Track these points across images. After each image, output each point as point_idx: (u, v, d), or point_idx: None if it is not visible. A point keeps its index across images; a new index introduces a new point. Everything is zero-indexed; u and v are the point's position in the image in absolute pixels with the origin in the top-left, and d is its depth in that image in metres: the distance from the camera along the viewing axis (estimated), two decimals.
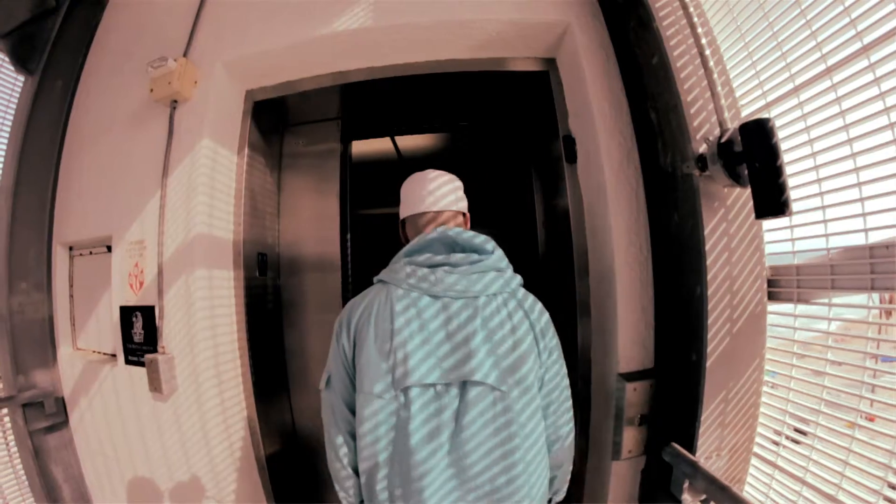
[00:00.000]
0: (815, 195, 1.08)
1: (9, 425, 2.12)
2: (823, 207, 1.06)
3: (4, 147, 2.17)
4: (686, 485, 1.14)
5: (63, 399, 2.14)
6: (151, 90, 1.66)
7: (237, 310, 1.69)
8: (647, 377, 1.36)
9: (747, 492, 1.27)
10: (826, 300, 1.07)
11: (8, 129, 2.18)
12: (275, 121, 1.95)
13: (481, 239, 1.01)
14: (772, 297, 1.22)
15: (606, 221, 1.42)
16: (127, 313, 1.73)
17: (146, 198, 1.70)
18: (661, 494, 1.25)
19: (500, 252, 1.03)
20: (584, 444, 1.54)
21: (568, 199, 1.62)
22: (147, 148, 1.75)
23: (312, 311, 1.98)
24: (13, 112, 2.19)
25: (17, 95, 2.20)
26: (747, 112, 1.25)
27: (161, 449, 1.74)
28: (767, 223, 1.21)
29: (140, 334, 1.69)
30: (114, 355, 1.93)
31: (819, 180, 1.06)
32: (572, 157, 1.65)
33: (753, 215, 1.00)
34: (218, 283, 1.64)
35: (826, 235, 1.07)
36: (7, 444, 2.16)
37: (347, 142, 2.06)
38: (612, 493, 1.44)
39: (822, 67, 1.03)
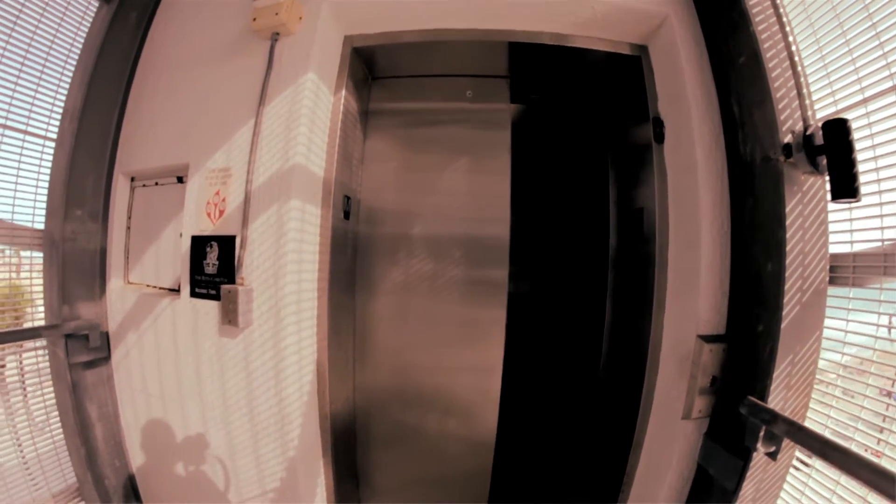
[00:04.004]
0: (874, 193, 1.07)
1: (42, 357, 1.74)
2: (881, 204, 1.05)
3: (72, 70, 1.81)
4: (761, 434, 1.06)
5: (107, 334, 1.77)
6: (254, 19, 1.37)
7: (321, 248, 1.40)
8: (721, 341, 1.30)
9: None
10: (878, 286, 1.05)
11: (77, 53, 1.82)
12: (365, 70, 1.67)
13: None
14: (830, 281, 1.18)
15: (695, 197, 1.32)
16: (200, 243, 1.41)
17: (235, 126, 1.40)
18: (721, 454, 1.20)
19: None
20: (645, 407, 1.43)
21: (654, 175, 1.51)
22: (237, 78, 1.45)
23: (388, 269, 1.69)
24: (83, 36, 1.83)
25: (90, 20, 1.85)
26: (820, 114, 1.22)
27: (220, 388, 1.42)
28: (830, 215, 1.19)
29: (213, 265, 1.37)
30: (173, 289, 1.59)
31: (879, 180, 1.06)
32: (660, 138, 1.53)
33: (824, 202, 1.07)
34: (307, 218, 1.35)
35: (881, 228, 1.05)
36: (39, 375, 1.76)
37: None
38: (676, 454, 1.31)
39: (888, 85, 1.02)
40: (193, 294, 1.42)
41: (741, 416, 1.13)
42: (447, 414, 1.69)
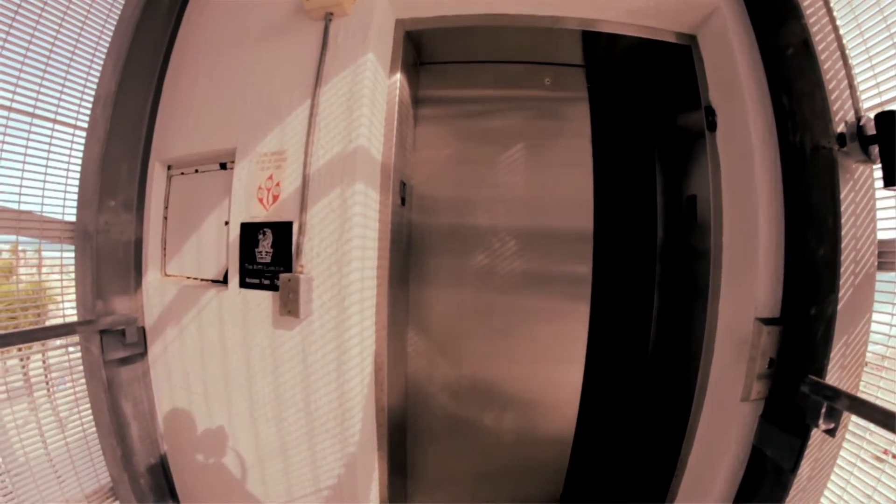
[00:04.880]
0: None
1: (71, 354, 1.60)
2: None
3: (103, 56, 1.68)
4: (823, 411, 1.05)
5: (143, 328, 1.65)
6: None
7: (380, 235, 1.29)
8: (777, 324, 1.28)
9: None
10: None
11: (108, 38, 1.69)
12: (415, 55, 1.57)
13: None
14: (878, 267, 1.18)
15: (751, 184, 1.29)
16: (251, 231, 1.29)
17: (288, 108, 1.29)
18: (779, 434, 1.18)
19: None
20: (700, 392, 1.39)
21: (707, 163, 1.46)
22: (287, 59, 1.34)
23: (444, 259, 1.58)
24: (115, 21, 1.70)
25: (121, 4, 1.71)
26: (866, 105, 1.21)
27: (272, 383, 1.31)
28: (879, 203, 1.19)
29: (267, 253, 1.26)
30: (217, 280, 1.47)
31: None
32: (713, 126, 1.49)
33: (873, 189, 1.09)
34: (369, 203, 1.24)
35: None
36: (72, 374, 1.63)
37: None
38: (733, 437, 1.28)
39: None
40: (243, 284, 1.30)
41: (800, 396, 1.12)
42: (510, 409, 1.60)
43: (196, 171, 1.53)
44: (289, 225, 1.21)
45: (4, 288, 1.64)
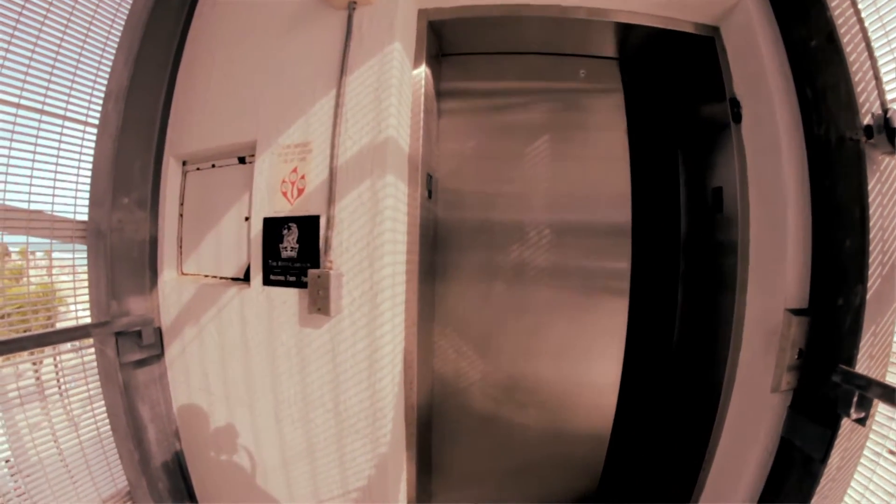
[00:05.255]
0: None
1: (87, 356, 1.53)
2: None
3: (113, 51, 1.61)
4: (854, 400, 1.04)
5: (160, 329, 1.58)
6: None
7: (409, 229, 1.23)
8: (805, 315, 1.26)
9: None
10: None
11: (118, 33, 1.61)
12: (437, 46, 1.50)
13: None
14: None
15: (779, 176, 1.26)
16: (274, 226, 1.23)
17: (312, 98, 1.22)
18: (808, 424, 1.17)
19: None
20: (728, 384, 1.36)
21: (733, 155, 1.43)
22: (309, 49, 1.27)
23: (471, 256, 1.52)
24: (125, 15, 1.62)
25: (131, 1, 1.64)
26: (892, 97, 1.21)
27: (299, 383, 1.24)
28: None
29: (292, 249, 1.19)
30: (237, 278, 1.40)
31: None
32: (738, 118, 1.46)
33: None
34: (398, 195, 1.18)
35: None
36: (85, 375, 1.56)
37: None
38: (763, 427, 1.26)
39: None
40: (267, 282, 1.24)
41: (830, 386, 1.10)
42: (539, 406, 1.54)
43: (213, 165, 1.46)
44: (316, 219, 1.15)
45: (15, 290, 1.57)
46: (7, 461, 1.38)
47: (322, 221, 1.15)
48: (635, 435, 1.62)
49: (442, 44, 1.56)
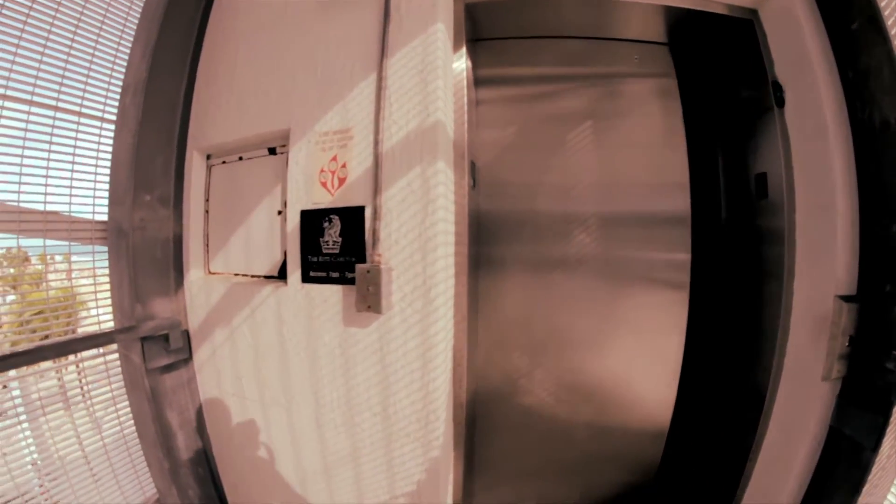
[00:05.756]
0: None
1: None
2: None
3: (129, 43, 1.50)
4: None
5: (187, 332, 1.48)
6: None
7: (457, 219, 1.13)
8: (855, 302, 1.20)
9: None
10: None
11: (133, 23, 1.51)
12: (474, 30, 1.40)
13: None
14: None
15: (827, 161, 1.19)
16: (313, 219, 1.13)
17: (350, 82, 1.12)
18: (858, 412, 1.12)
19: None
20: (776, 373, 1.29)
21: (777, 140, 1.36)
22: (343, 31, 1.17)
23: (515, 248, 1.42)
24: (140, 5, 1.52)
25: None
26: None
27: (343, 386, 1.15)
28: None
29: (334, 243, 1.10)
30: (271, 276, 1.31)
31: None
32: (781, 103, 1.39)
33: None
34: (448, 184, 1.09)
35: None
36: (111, 385, 1.46)
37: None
38: (813, 416, 1.19)
39: None
40: (306, 279, 1.14)
41: (883, 373, 1.05)
42: (589, 401, 1.45)
43: (240, 158, 1.36)
44: (360, 210, 1.05)
45: (34, 296, 1.46)
46: (34, 463, 1.29)
47: (367, 212, 1.05)
48: (695, 429, 1.53)
49: (476, 28, 1.46)
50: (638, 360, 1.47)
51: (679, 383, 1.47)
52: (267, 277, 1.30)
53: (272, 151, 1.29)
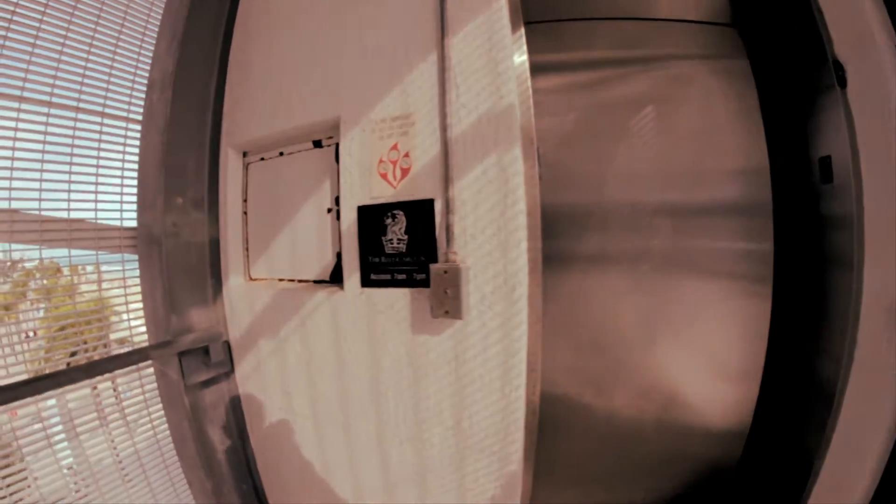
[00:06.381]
0: None
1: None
2: None
3: (154, 36, 1.37)
4: None
5: (228, 343, 1.35)
6: None
7: (529, 211, 1.00)
8: None
9: None
10: None
11: (157, 16, 1.38)
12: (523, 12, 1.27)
13: None
14: None
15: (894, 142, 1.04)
16: (373, 215, 1.00)
17: (406, 64, 0.99)
18: None
19: None
20: (846, 363, 1.16)
21: (842, 121, 1.22)
22: (395, 8, 1.03)
23: (580, 241, 1.29)
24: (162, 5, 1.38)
25: None
26: None
27: (410, 398, 1.02)
28: None
29: (400, 241, 0.96)
30: (321, 281, 1.17)
31: None
32: (843, 82, 1.29)
33: None
34: (520, 171, 0.95)
35: None
36: (146, 404, 1.33)
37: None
38: (884, 409, 1.06)
39: None
40: (367, 283, 1.01)
41: None
42: (661, 402, 1.33)
43: (280, 153, 1.23)
44: (429, 203, 0.92)
45: (63, 310, 1.33)
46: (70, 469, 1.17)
47: (437, 206, 0.92)
48: (776, 429, 1.40)
49: (528, 10, 1.32)
50: (712, 357, 1.33)
51: (762, 379, 1.34)
52: (317, 282, 1.16)
53: (317, 144, 1.16)
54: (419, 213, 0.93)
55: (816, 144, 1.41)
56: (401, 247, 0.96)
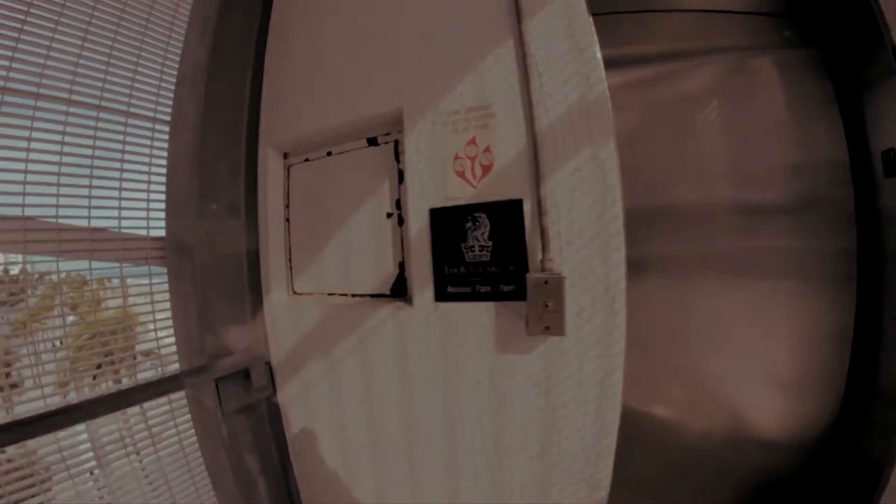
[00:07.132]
0: None
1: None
2: None
3: (182, 28, 1.25)
4: None
5: (270, 364, 1.21)
6: None
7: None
8: None
9: None
10: None
11: (187, 7, 1.25)
12: None
13: None
14: None
15: None
16: (449, 219, 0.87)
17: (479, 50, 0.87)
18: None
19: None
20: None
21: None
22: None
23: (645, 245, 1.17)
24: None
25: None
26: None
27: (491, 425, 0.89)
28: None
29: (483, 248, 0.84)
30: (381, 295, 1.04)
31: None
32: None
33: None
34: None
35: None
36: (178, 431, 1.19)
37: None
38: None
39: None
40: (442, 297, 0.88)
41: None
42: (734, 413, 1.21)
43: (328, 153, 1.10)
44: (518, 204, 0.80)
45: (77, 329, 1.19)
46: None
47: (526, 207, 0.80)
48: (840, 437, 1.30)
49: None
50: (797, 365, 1.22)
51: (846, 385, 1.23)
52: (374, 296, 1.03)
53: (373, 142, 1.03)
54: (506, 216, 0.81)
55: (878, 137, 1.32)
56: (484, 254, 0.83)
